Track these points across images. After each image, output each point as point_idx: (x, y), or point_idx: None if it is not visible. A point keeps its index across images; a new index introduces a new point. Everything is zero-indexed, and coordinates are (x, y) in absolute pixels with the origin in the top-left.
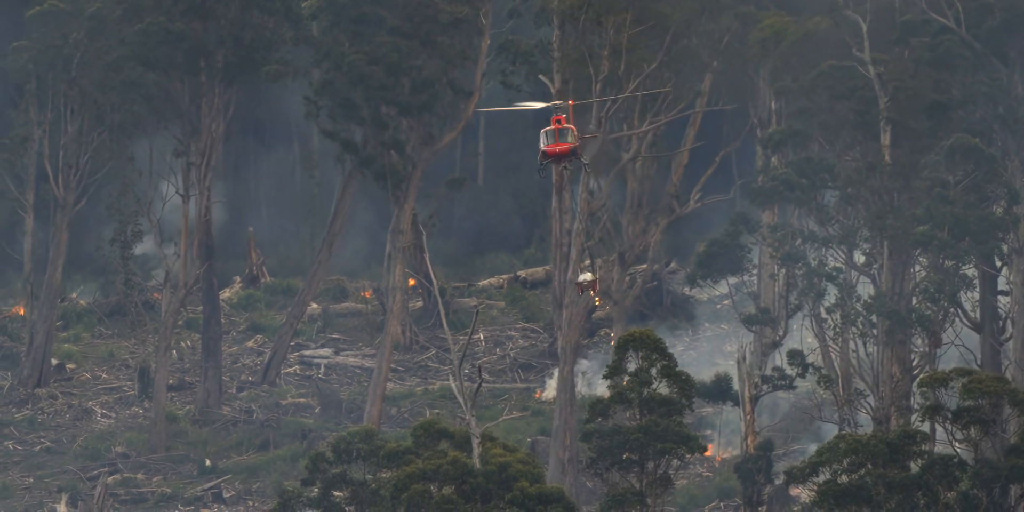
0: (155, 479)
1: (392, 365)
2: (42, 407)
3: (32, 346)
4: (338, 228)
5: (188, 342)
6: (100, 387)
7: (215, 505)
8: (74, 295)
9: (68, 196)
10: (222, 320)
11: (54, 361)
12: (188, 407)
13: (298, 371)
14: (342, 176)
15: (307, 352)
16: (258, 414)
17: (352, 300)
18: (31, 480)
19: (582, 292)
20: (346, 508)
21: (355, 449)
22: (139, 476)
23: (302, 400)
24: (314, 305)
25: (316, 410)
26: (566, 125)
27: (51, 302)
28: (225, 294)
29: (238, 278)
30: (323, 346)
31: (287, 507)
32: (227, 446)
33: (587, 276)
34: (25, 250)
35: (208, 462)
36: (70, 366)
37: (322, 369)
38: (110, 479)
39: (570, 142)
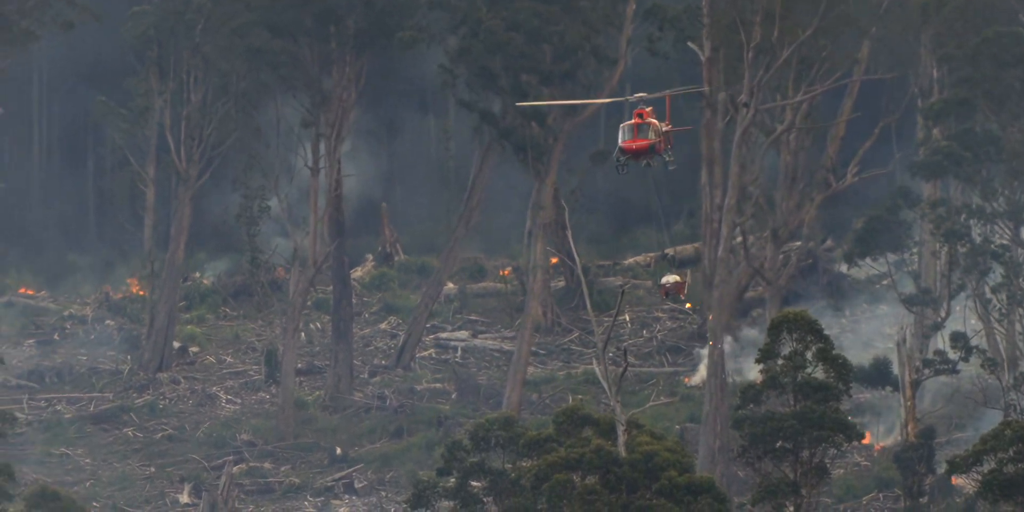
0: (283, 469)
1: (533, 348)
2: (164, 392)
3: (153, 328)
4: (475, 203)
5: (317, 324)
6: (225, 371)
7: (346, 496)
8: (197, 274)
9: (191, 169)
10: (353, 300)
11: (176, 344)
12: (317, 392)
13: (433, 354)
14: (480, 149)
15: (443, 334)
16: (391, 400)
17: (490, 279)
18: (152, 469)
19: (666, 295)
20: (484, 499)
21: (494, 437)
22: (266, 465)
23: (438, 385)
24: (450, 285)
25: (452, 396)
26: (647, 120)
27: (173, 282)
28: (357, 273)
29: (370, 256)
30: (460, 328)
31: (422, 498)
32: (359, 434)
33: (672, 278)
34: (146, 226)
35: (339, 451)
36: (193, 349)
37: (459, 352)
38: (235, 468)
39: (650, 138)
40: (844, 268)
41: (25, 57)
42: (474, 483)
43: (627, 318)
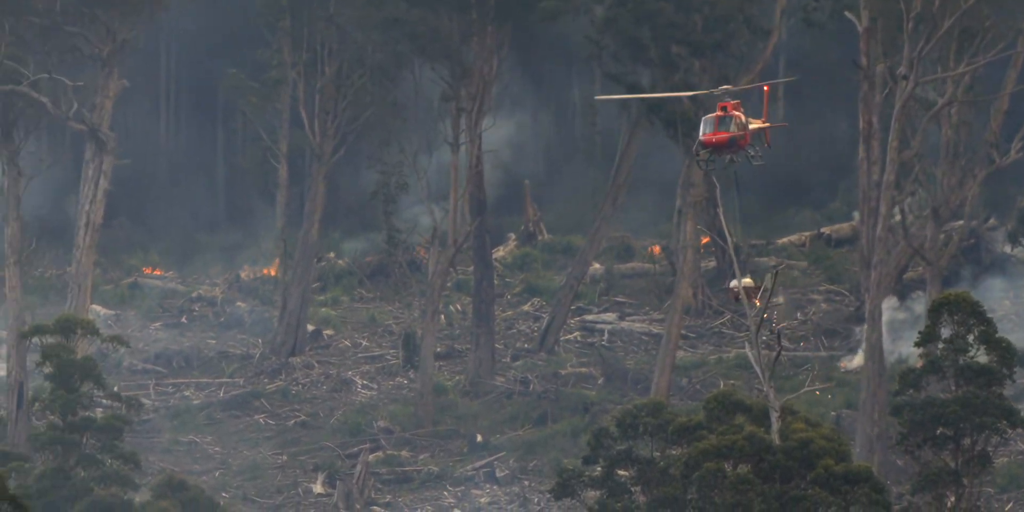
0: (421, 457)
1: (682, 331)
2: (297, 377)
3: (286, 311)
4: (623, 180)
5: (458, 306)
6: (360, 355)
7: (487, 485)
8: (332, 254)
9: (325, 145)
10: (495, 281)
11: (310, 327)
12: (458, 377)
13: (579, 338)
14: (627, 123)
15: (589, 317)
16: (535, 385)
17: (638, 259)
18: (284, 458)
19: (735, 300)
20: (631, 488)
21: (641, 423)
22: (403, 453)
23: (583, 369)
24: (596, 265)
25: (599, 380)
26: (731, 113)
27: (307, 262)
28: (499, 253)
29: (513, 235)
30: (606, 310)
31: (566, 487)
32: (501, 420)
33: (744, 281)
34: (278, 204)
35: (479, 438)
36: (327, 332)
37: (605, 335)
38: (371, 457)
39: (732, 132)
40: (1008, 248)
41: (152, 28)
42: (621, 472)
43: (781, 300)
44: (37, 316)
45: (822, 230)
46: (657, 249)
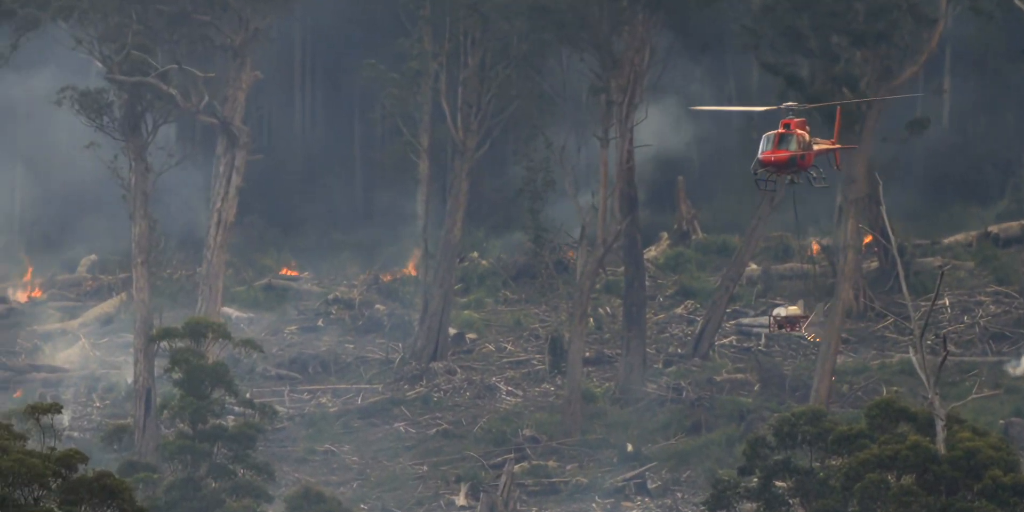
0: (569, 467)
1: (843, 335)
2: (438, 384)
3: (427, 313)
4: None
5: (607, 308)
6: (505, 360)
7: (638, 497)
8: (475, 254)
9: (468, 140)
10: (647, 283)
11: (452, 330)
12: (607, 384)
13: (734, 342)
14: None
15: (745, 320)
16: (688, 392)
17: (797, 260)
18: (425, 468)
19: (778, 330)
20: (789, 501)
21: (800, 432)
22: (550, 464)
23: (739, 376)
24: (753, 266)
25: (755, 387)
26: (794, 131)
27: (449, 262)
28: (651, 253)
29: (665, 234)
30: (763, 313)
31: (721, 499)
32: (652, 429)
33: (790, 310)
34: (419, 202)
35: (630, 447)
36: (471, 336)
37: (762, 340)
38: (516, 467)
39: (792, 151)
40: None
41: (287, 17)
42: (778, 483)
43: (947, 302)
44: (166, 319)
45: (990, 229)
46: (816, 248)
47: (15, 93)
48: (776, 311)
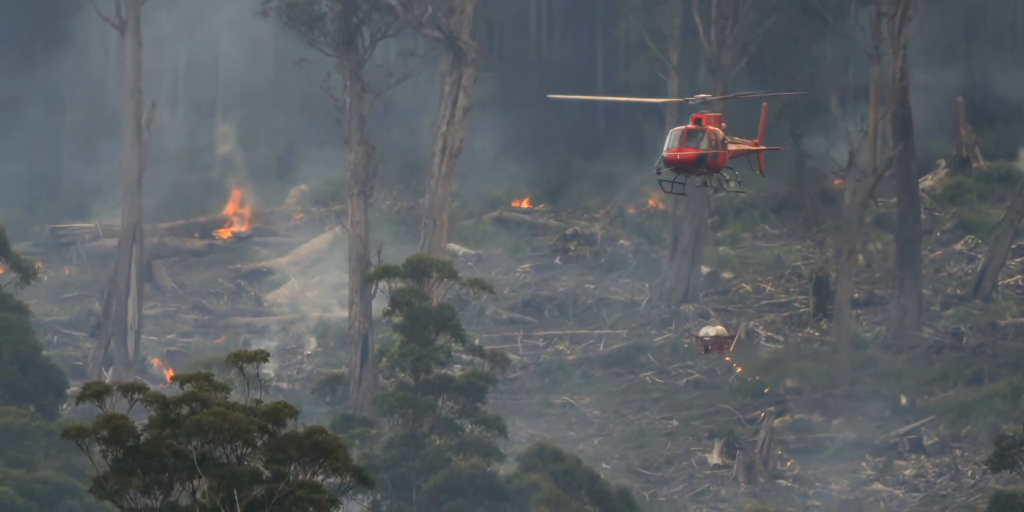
0: (835, 422)
1: None
2: (689, 329)
3: (676, 250)
4: None
5: (878, 245)
6: (762, 302)
7: (912, 455)
8: (731, 184)
9: (723, 56)
10: (922, 216)
11: (705, 269)
12: (878, 329)
13: (1020, 282)
14: None
15: None
16: (969, 337)
17: None
18: (674, 423)
19: (705, 352)
20: None
21: None
22: (814, 418)
23: None
24: None
25: None
26: (705, 127)
27: (701, 193)
28: (926, 182)
29: (943, 161)
30: None
31: (1006, 458)
32: (928, 379)
33: (716, 330)
34: (667, 125)
35: (903, 400)
36: (726, 275)
37: None
38: (776, 421)
39: (701, 149)
40: None
41: None
42: None
43: None
44: (385, 256)
45: None
46: None
47: (220, 2)
48: (704, 331)
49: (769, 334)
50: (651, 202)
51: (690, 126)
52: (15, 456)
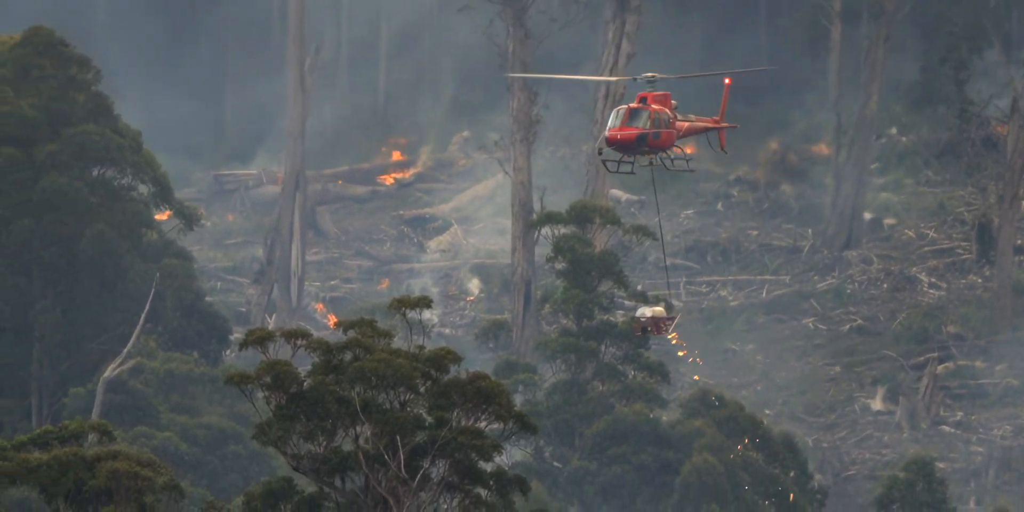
0: (998, 367)
1: None
2: (852, 275)
3: (839, 196)
4: None
5: None
6: (926, 249)
7: None
8: (893, 130)
9: (886, 1)
10: None
11: (867, 215)
12: None
13: None
14: None
15: None
16: None
17: None
18: (837, 369)
19: (640, 333)
20: None
21: None
22: (977, 364)
23: None
24: None
25: None
26: (649, 106)
27: (864, 139)
28: None
29: None
30: None
31: None
32: None
33: (652, 310)
34: (830, 71)
35: None
36: (888, 222)
37: None
38: (940, 368)
39: (642, 128)
40: None
41: None
42: None
43: None
44: (548, 203)
45: None
46: None
47: None
48: (640, 312)
49: (932, 280)
50: (814, 148)
51: (633, 105)
52: (179, 402)
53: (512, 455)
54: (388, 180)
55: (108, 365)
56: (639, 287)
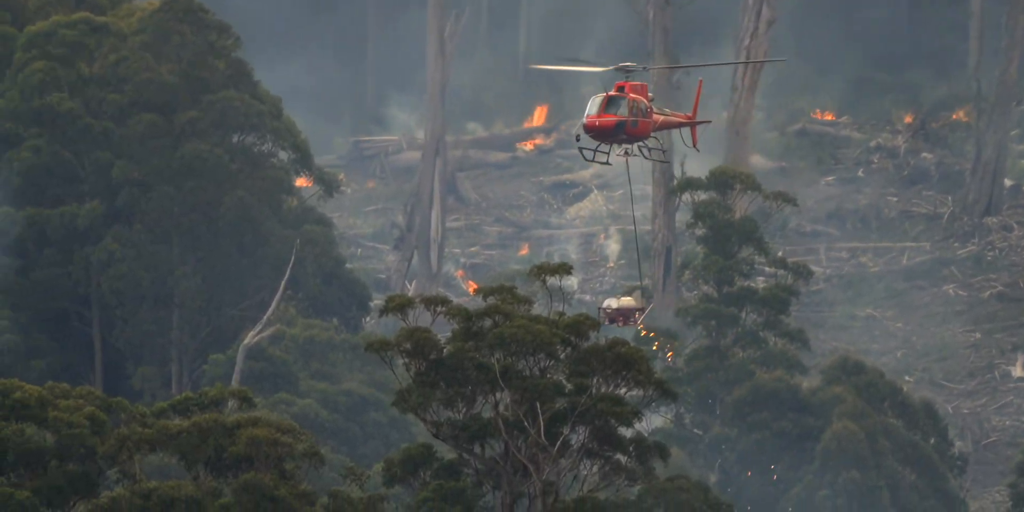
0: None
1: None
2: (992, 241)
3: (979, 162)
4: None
5: None
6: None
7: None
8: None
9: None
10: None
11: (1008, 182)
12: None
13: None
14: None
15: None
16: None
17: None
18: (977, 336)
19: (608, 323)
20: None
21: None
22: None
23: None
24: None
25: None
26: (627, 94)
27: (1005, 105)
28: None
29: None
30: None
31: None
32: None
33: (621, 301)
34: (971, 38)
35: None
36: None
37: None
38: None
39: (620, 115)
40: None
41: None
42: None
43: None
44: (688, 169)
45: None
46: None
47: None
48: (607, 302)
49: None
50: (954, 115)
51: (611, 93)
52: (319, 369)
53: (652, 422)
54: (528, 146)
55: (248, 332)
56: (779, 253)
